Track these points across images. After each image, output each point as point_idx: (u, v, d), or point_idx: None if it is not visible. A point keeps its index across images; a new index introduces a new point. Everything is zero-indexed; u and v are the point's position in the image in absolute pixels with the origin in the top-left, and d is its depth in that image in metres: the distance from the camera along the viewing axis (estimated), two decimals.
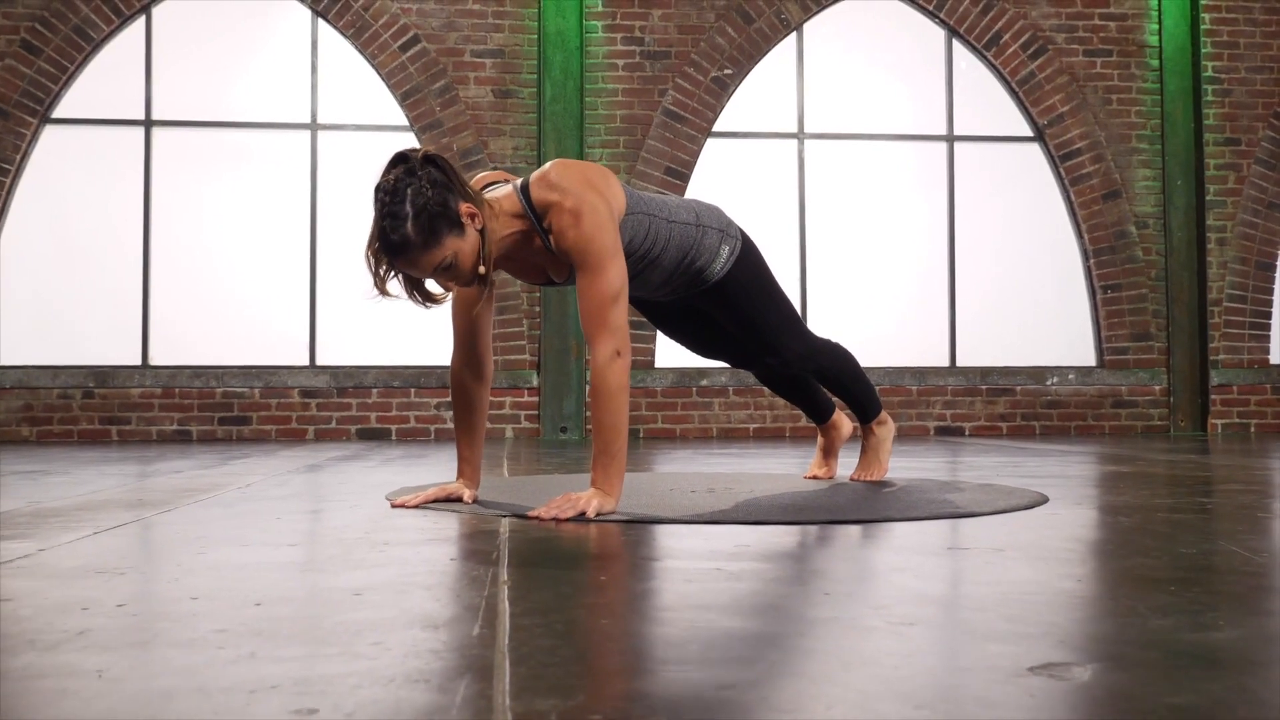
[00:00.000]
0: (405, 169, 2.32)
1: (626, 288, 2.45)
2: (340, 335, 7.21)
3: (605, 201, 2.47)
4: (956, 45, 7.76)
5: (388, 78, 7.29)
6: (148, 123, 7.18)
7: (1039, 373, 7.65)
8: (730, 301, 2.89)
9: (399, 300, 2.43)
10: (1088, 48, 7.81)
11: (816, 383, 3.25)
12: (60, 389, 6.95)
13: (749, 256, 2.89)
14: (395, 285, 2.39)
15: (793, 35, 7.63)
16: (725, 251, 2.82)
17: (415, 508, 2.58)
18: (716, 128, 7.52)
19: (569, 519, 2.31)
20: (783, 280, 3.52)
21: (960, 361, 7.67)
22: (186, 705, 0.98)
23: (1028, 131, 7.79)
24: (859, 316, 7.50)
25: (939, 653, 1.20)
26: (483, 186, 2.55)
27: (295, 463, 4.51)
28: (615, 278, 2.42)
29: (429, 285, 2.46)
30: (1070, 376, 7.67)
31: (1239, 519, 2.39)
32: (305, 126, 7.28)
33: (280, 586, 1.57)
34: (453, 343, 2.69)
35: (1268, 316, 7.85)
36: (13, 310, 7.01)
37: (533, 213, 2.47)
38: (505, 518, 2.37)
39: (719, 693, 1.01)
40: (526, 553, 1.90)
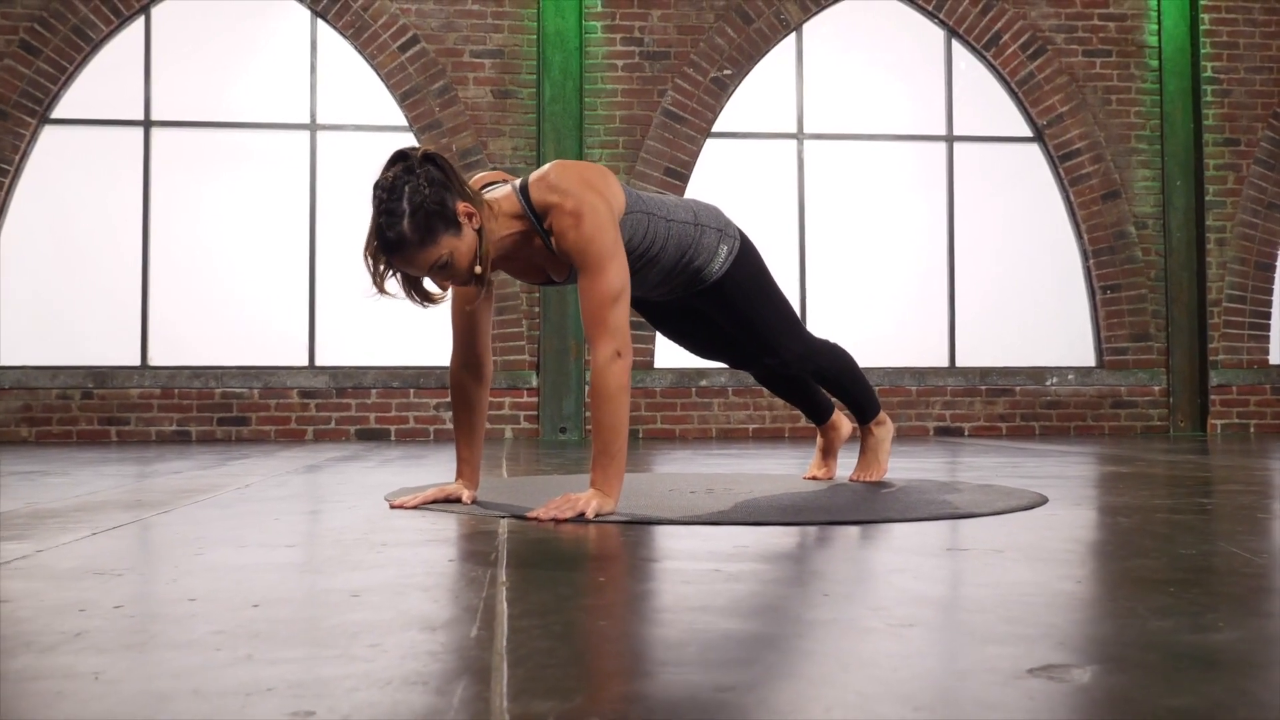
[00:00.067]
0: (404, 167, 2.32)
1: (628, 289, 2.45)
2: (339, 336, 7.21)
3: (605, 202, 2.46)
4: (956, 45, 7.76)
5: (387, 78, 7.29)
6: (147, 123, 7.18)
7: (1038, 373, 7.65)
8: (728, 301, 2.89)
9: (397, 299, 2.42)
10: (1087, 48, 7.81)
11: (815, 383, 3.25)
12: (59, 389, 6.95)
13: (747, 256, 2.89)
14: (394, 284, 2.39)
15: (792, 35, 7.63)
16: (723, 251, 2.81)
17: (414, 508, 2.58)
18: (716, 128, 7.52)
19: (568, 520, 2.30)
20: (782, 280, 3.52)
21: (959, 362, 7.66)
22: (183, 707, 0.98)
23: (1027, 132, 7.79)
24: (858, 317, 7.50)
25: (938, 654, 1.20)
26: (481, 187, 2.55)
27: (294, 463, 4.51)
28: (616, 278, 2.42)
29: (427, 284, 2.45)
30: (1070, 377, 7.67)
31: (1239, 520, 2.39)
32: (304, 127, 7.28)
33: (278, 588, 1.57)
34: (452, 343, 2.68)
35: (1267, 317, 7.85)
36: (12, 310, 7.01)
37: (532, 213, 2.47)
38: (504, 519, 2.37)
39: (717, 694, 1.01)
40: (525, 554, 1.90)
